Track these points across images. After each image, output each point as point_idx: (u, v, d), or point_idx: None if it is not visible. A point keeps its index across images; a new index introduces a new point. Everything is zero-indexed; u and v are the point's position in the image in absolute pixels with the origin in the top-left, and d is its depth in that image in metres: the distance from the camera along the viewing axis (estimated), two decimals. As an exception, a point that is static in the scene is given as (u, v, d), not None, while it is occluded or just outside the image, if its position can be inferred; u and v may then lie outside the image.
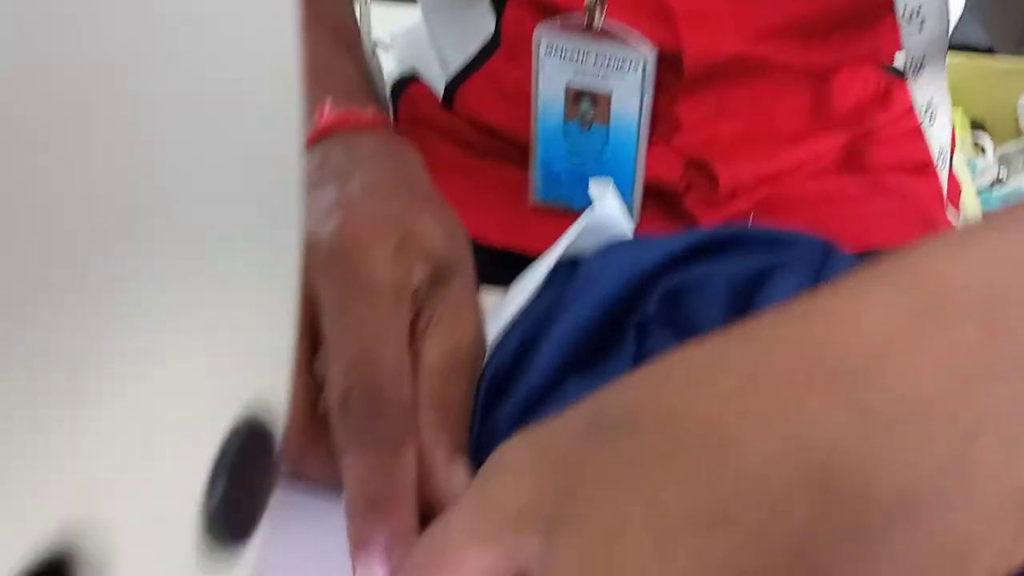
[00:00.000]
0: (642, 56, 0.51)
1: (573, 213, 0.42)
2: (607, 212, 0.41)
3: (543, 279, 0.40)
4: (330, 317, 0.35)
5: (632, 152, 0.55)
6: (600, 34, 0.51)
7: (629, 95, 0.53)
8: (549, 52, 0.53)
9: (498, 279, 0.43)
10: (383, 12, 0.96)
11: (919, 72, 0.53)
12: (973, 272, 0.24)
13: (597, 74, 0.53)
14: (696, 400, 0.25)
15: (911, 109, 0.56)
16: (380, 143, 0.43)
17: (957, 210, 0.65)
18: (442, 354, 0.37)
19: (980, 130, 1.64)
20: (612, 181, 0.42)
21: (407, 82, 0.65)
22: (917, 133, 0.57)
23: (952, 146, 0.60)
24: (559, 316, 0.38)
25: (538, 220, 0.59)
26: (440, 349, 0.37)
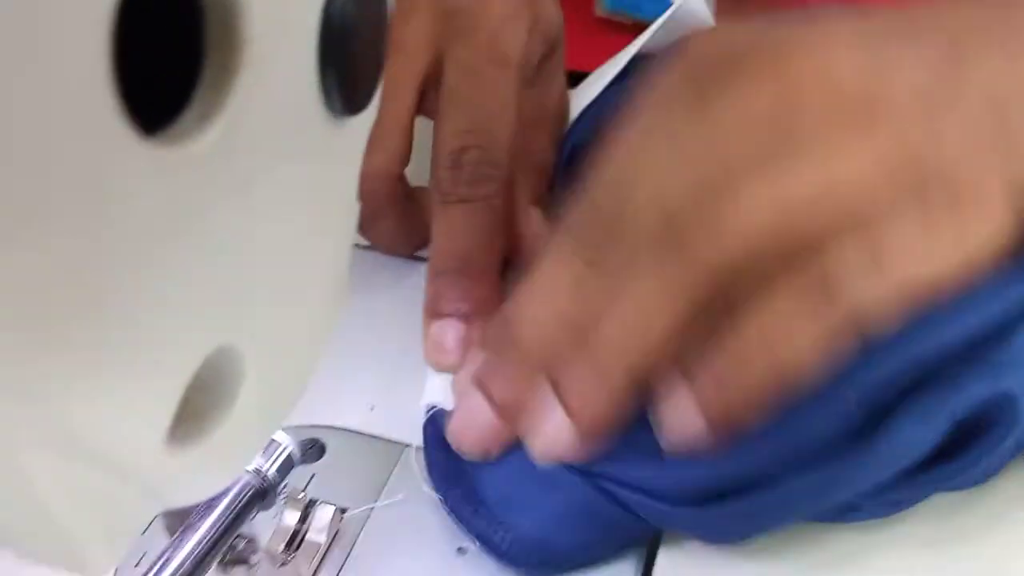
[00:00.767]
0: None
1: (641, 25, 0.43)
2: (691, 5, 0.41)
3: (621, 69, 0.41)
4: (457, 79, 0.38)
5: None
6: None
7: None
8: None
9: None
10: None
11: None
12: None
13: None
14: None
15: None
16: None
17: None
18: (531, 108, 0.40)
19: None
20: None
21: None
22: None
23: None
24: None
25: (603, 35, 0.58)
26: (530, 104, 0.40)
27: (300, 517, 0.30)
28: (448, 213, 0.36)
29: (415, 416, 0.33)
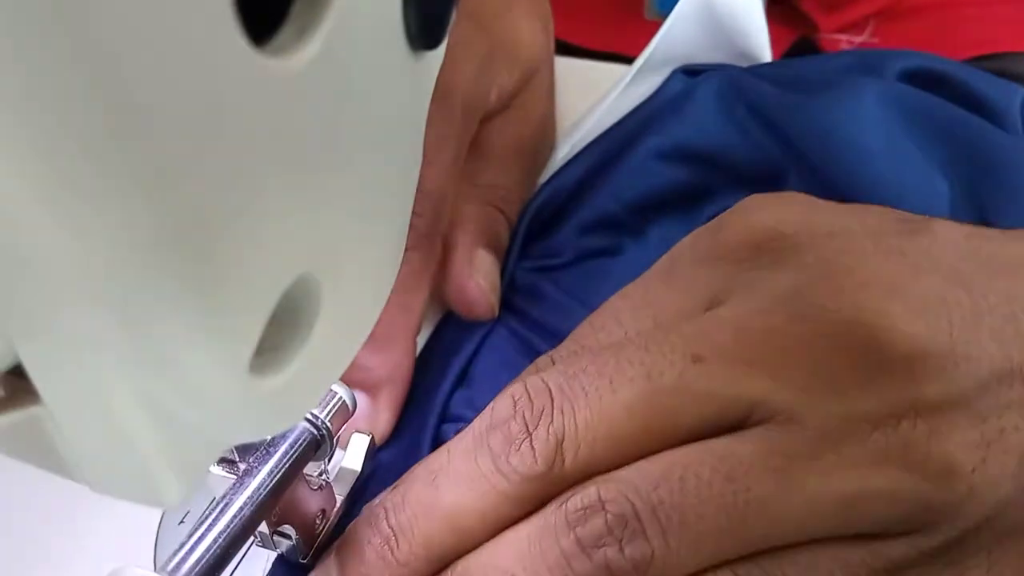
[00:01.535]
0: None
1: None
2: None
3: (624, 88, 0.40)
4: None
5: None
6: None
7: None
8: None
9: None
10: None
11: None
12: None
13: None
14: None
15: None
16: None
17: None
18: (503, 138, 0.37)
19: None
20: None
21: None
22: None
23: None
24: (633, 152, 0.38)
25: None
26: (502, 134, 0.37)
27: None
28: None
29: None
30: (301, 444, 0.27)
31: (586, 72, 0.48)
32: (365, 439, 0.30)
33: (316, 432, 0.27)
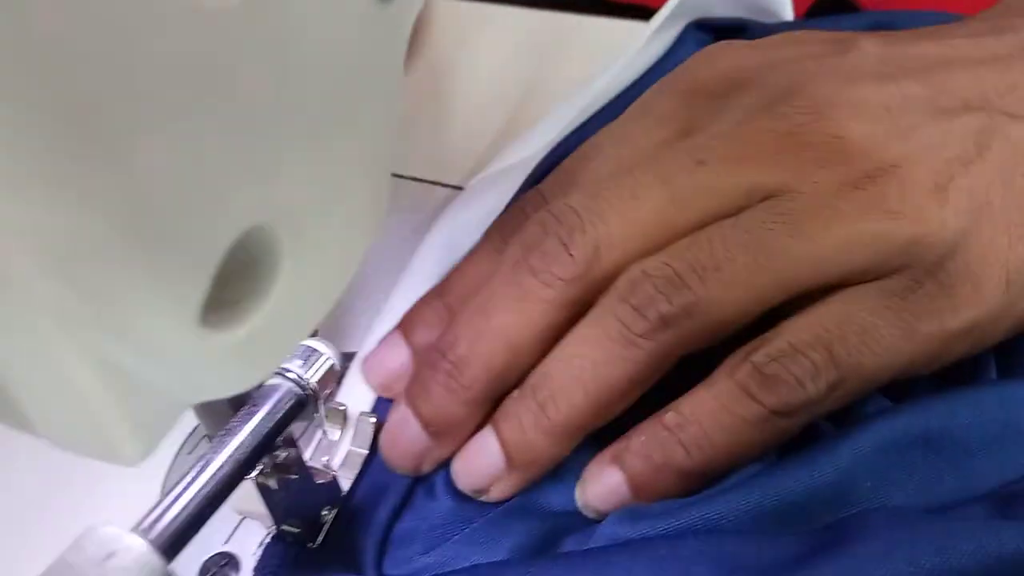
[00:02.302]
0: None
1: None
2: None
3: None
4: None
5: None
6: None
7: None
8: None
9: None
10: None
11: None
12: None
13: None
14: None
15: None
16: None
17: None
18: None
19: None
20: None
21: None
22: None
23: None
24: None
25: None
26: None
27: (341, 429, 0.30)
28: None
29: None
30: (285, 404, 0.26)
31: (611, 31, 0.47)
32: (371, 422, 0.30)
33: (301, 391, 0.27)
